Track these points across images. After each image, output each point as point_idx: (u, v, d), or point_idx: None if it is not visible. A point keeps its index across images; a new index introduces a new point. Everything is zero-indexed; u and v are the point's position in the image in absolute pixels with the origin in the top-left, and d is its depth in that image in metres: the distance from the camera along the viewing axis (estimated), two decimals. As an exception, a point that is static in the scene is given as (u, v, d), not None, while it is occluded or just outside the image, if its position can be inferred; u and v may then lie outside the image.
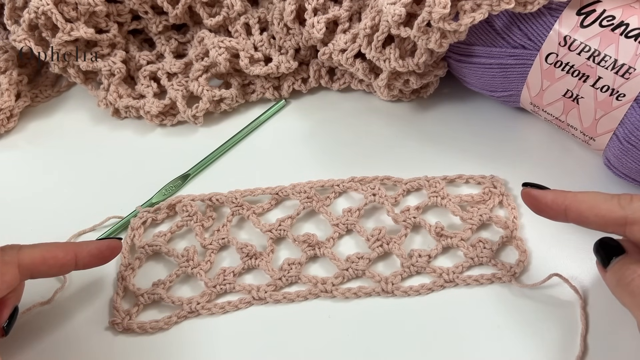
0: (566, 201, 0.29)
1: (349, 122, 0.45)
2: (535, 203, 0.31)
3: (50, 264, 0.31)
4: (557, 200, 0.29)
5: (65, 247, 0.32)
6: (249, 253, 0.37)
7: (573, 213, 0.29)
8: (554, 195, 0.30)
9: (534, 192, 0.31)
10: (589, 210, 0.28)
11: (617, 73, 0.33)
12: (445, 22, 0.34)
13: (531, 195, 0.31)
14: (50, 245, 0.32)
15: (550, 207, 0.30)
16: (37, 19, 0.42)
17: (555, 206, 0.30)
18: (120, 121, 0.48)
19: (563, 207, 0.29)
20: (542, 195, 0.30)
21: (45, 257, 0.31)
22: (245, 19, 0.46)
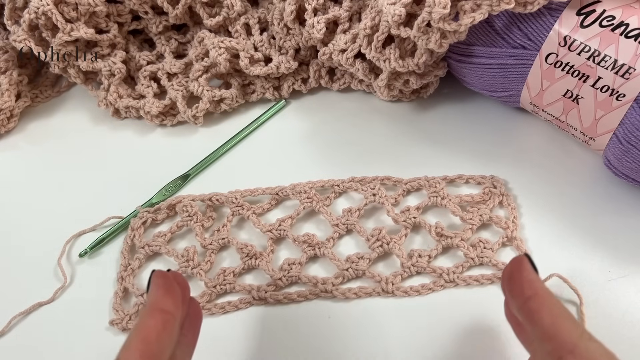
0: (539, 290, 0.26)
1: (349, 122, 0.45)
2: (512, 271, 0.27)
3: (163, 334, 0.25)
4: (533, 283, 0.26)
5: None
6: (249, 253, 0.37)
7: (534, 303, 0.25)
8: (533, 278, 0.27)
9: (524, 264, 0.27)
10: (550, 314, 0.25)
11: (617, 73, 0.33)
12: (445, 22, 0.34)
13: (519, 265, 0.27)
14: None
15: (520, 282, 0.26)
16: (37, 19, 0.42)
17: (526, 284, 0.26)
18: (120, 121, 0.48)
19: (531, 292, 0.26)
20: (526, 270, 0.27)
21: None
22: (245, 19, 0.46)
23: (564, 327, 0.24)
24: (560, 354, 0.23)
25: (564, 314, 0.25)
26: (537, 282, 0.26)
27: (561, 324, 0.24)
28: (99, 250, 0.40)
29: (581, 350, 0.23)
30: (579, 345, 0.23)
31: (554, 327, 0.24)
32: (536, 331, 0.25)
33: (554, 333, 0.24)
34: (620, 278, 0.35)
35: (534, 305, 0.25)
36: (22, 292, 0.38)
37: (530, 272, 0.27)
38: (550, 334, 0.24)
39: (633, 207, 0.38)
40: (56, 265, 0.39)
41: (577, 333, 0.24)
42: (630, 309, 0.34)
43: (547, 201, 0.39)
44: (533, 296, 0.25)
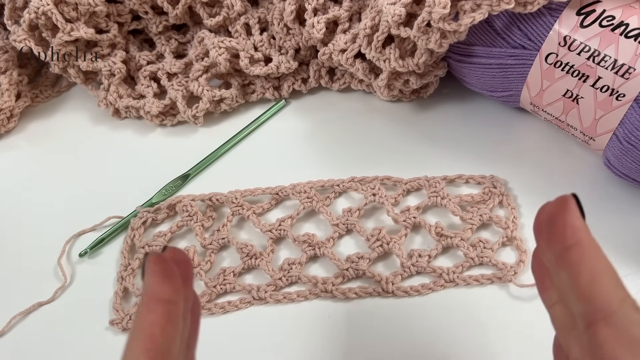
0: (583, 240, 0.22)
1: (349, 122, 0.45)
2: (556, 212, 0.23)
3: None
4: (577, 231, 0.22)
5: None
6: (249, 253, 0.37)
7: (575, 254, 0.21)
8: (579, 225, 0.22)
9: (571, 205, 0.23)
10: (590, 269, 0.21)
11: (617, 73, 0.33)
12: (445, 22, 0.34)
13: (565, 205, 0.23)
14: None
15: (563, 226, 0.22)
16: (37, 19, 0.42)
17: (569, 230, 0.22)
18: (120, 121, 0.48)
19: (574, 240, 0.22)
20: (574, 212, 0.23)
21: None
22: (245, 19, 0.46)
23: (604, 289, 0.20)
24: (593, 318, 0.20)
25: (608, 273, 0.21)
26: (583, 231, 0.22)
27: (602, 284, 0.20)
28: (99, 250, 0.40)
29: (618, 319, 0.19)
30: (617, 312, 0.19)
31: (592, 287, 0.20)
32: (572, 287, 0.21)
33: (591, 293, 0.20)
34: (620, 278, 0.35)
35: (574, 256, 0.21)
36: (22, 292, 0.38)
37: (577, 216, 0.23)
38: (586, 294, 0.20)
39: (633, 207, 0.38)
40: (56, 265, 0.39)
41: (619, 298, 0.20)
42: (630, 309, 0.34)
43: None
44: (575, 245, 0.21)
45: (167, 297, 0.22)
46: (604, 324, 0.19)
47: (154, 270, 0.23)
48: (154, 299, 0.22)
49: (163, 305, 0.22)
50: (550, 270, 0.23)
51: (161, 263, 0.23)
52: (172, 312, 0.22)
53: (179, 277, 0.23)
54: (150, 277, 0.23)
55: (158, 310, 0.22)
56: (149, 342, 0.21)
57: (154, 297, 0.22)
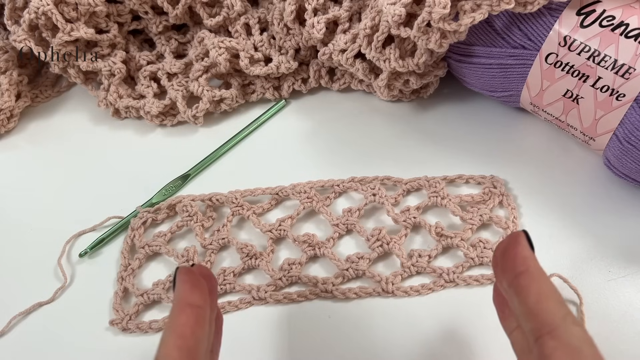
0: (531, 268, 0.25)
1: (349, 122, 0.45)
2: (508, 245, 0.26)
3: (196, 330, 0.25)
4: (526, 260, 0.25)
5: None
6: (249, 253, 0.37)
7: (524, 279, 0.24)
8: (527, 255, 0.25)
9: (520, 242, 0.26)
10: (537, 292, 0.24)
11: (617, 73, 0.33)
12: (445, 22, 0.34)
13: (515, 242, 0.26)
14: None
15: (513, 257, 0.26)
16: (38, 19, 0.42)
17: (519, 260, 0.25)
18: (121, 121, 0.48)
19: (523, 268, 0.25)
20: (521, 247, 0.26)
21: None
22: (245, 19, 0.46)
23: (548, 307, 0.23)
24: (540, 333, 0.23)
25: (552, 295, 0.24)
26: (531, 260, 0.25)
27: (546, 303, 0.23)
28: (99, 250, 0.40)
29: (561, 332, 0.22)
30: (559, 327, 0.22)
31: (538, 306, 0.23)
32: (521, 308, 0.24)
33: (538, 312, 0.23)
34: (620, 278, 0.35)
35: (523, 281, 0.24)
36: (22, 292, 0.38)
37: (525, 248, 0.26)
38: (533, 312, 0.23)
39: (633, 207, 0.38)
40: (56, 265, 0.39)
41: (561, 315, 0.23)
42: (630, 309, 0.34)
43: (547, 201, 0.39)
44: (524, 272, 0.25)
45: (196, 302, 0.26)
46: (550, 337, 0.22)
47: (184, 280, 0.26)
48: (184, 304, 0.25)
49: (192, 309, 0.25)
50: (507, 298, 0.26)
51: (190, 274, 0.27)
52: (200, 316, 0.25)
53: (206, 288, 0.27)
54: (181, 285, 0.26)
55: (188, 313, 0.25)
56: (180, 339, 0.24)
57: (185, 302, 0.26)
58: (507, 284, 0.25)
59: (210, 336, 0.27)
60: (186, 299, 0.26)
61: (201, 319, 0.25)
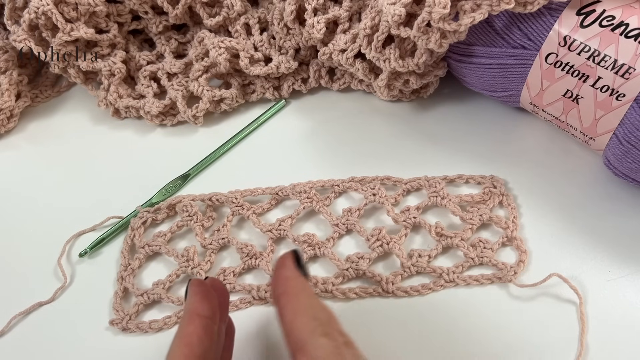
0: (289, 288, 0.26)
1: (349, 122, 0.45)
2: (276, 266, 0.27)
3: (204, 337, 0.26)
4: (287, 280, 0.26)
5: None
6: (249, 253, 0.37)
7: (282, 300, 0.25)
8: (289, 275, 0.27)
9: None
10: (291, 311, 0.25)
11: (617, 73, 0.33)
12: (445, 22, 0.34)
13: None
14: None
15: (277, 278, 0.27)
16: (37, 19, 0.42)
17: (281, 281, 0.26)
18: (120, 121, 0.48)
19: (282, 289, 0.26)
20: None
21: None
22: (245, 19, 0.46)
23: (299, 324, 0.24)
24: (295, 350, 0.23)
25: (305, 311, 0.24)
26: (291, 280, 0.26)
27: (298, 320, 0.24)
28: (99, 250, 0.40)
29: (308, 347, 0.23)
30: (307, 342, 0.23)
31: (291, 324, 0.24)
32: (281, 329, 0.25)
33: (291, 330, 0.24)
34: (620, 278, 0.35)
35: (281, 302, 0.25)
36: (22, 292, 0.38)
37: (289, 269, 0.27)
38: (288, 331, 0.24)
39: (633, 207, 0.38)
40: (56, 265, 0.39)
41: (309, 329, 0.23)
42: (630, 309, 0.34)
43: (547, 201, 0.39)
44: (283, 293, 0.26)
45: (204, 313, 0.26)
46: (301, 353, 0.23)
47: (195, 291, 0.27)
48: (194, 314, 0.26)
49: (201, 319, 0.26)
50: None
51: (202, 286, 0.28)
52: (208, 326, 0.26)
53: (216, 300, 0.28)
54: (191, 297, 0.27)
55: (197, 323, 0.26)
56: (187, 348, 0.25)
57: (194, 312, 0.26)
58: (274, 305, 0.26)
59: (219, 347, 0.28)
60: (196, 309, 0.26)
61: (209, 328, 0.26)
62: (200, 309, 0.27)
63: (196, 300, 0.27)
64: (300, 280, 0.26)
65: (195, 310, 0.26)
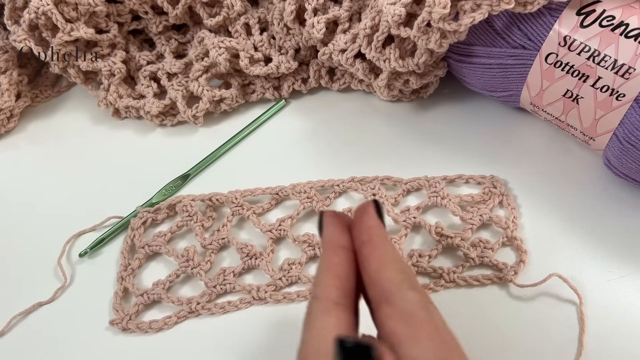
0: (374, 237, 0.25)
1: (349, 122, 0.45)
2: (356, 215, 0.26)
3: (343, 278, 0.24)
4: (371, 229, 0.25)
5: None
6: (249, 253, 0.37)
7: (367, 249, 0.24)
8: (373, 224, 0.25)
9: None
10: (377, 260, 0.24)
11: (617, 73, 0.33)
12: (445, 22, 0.34)
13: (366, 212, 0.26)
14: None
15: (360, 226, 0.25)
16: (37, 19, 0.42)
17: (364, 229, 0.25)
18: (120, 121, 0.48)
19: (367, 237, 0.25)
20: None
21: None
22: (245, 19, 0.46)
23: (386, 275, 0.23)
24: (379, 301, 0.23)
25: (392, 262, 0.24)
26: (375, 229, 0.25)
27: (384, 271, 0.23)
28: (99, 250, 0.40)
29: (395, 299, 0.22)
30: (395, 294, 0.22)
31: (377, 274, 0.23)
32: (364, 278, 0.24)
33: (377, 280, 0.23)
34: (620, 278, 0.35)
35: (366, 250, 0.24)
36: (22, 292, 0.38)
37: (372, 217, 0.26)
38: (374, 280, 0.23)
39: (633, 207, 0.38)
40: (56, 265, 0.39)
41: (397, 281, 0.23)
42: (630, 309, 0.34)
43: (547, 201, 0.39)
44: (367, 241, 0.25)
45: (347, 245, 0.25)
46: (386, 304, 0.22)
47: (332, 222, 0.26)
48: (337, 245, 0.25)
49: (345, 251, 0.25)
50: None
51: (338, 217, 0.26)
52: (351, 259, 0.25)
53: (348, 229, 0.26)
54: (330, 228, 0.26)
55: (342, 254, 0.24)
56: (337, 280, 0.24)
57: (337, 243, 0.25)
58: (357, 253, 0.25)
59: None
60: (337, 240, 0.25)
61: (352, 261, 0.25)
62: (342, 240, 0.25)
63: (336, 232, 0.25)
64: (384, 231, 0.25)
65: (337, 241, 0.25)
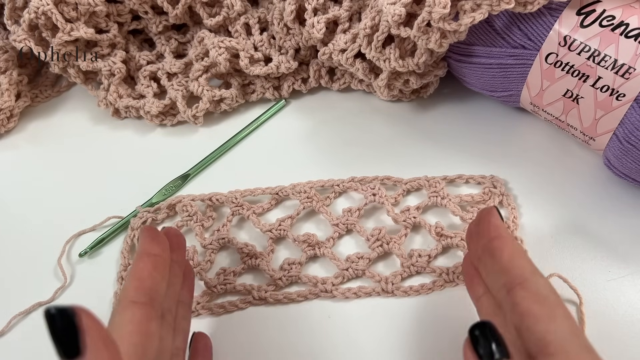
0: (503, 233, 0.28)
1: (349, 122, 0.45)
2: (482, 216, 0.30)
3: None
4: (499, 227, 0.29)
5: None
6: (249, 253, 0.37)
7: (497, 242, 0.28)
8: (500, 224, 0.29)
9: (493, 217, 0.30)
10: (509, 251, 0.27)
11: (617, 73, 0.33)
12: (445, 22, 0.34)
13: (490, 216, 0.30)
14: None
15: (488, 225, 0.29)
16: (37, 19, 0.42)
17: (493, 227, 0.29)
18: (120, 121, 0.48)
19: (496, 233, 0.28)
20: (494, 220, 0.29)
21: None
22: (245, 19, 0.46)
23: (519, 263, 0.27)
24: (512, 285, 0.26)
25: (522, 253, 0.27)
26: (502, 227, 0.29)
27: (518, 260, 0.27)
28: (99, 250, 0.40)
29: (530, 284, 0.26)
30: (529, 279, 0.26)
31: (511, 262, 0.27)
32: (496, 266, 0.27)
33: (510, 267, 0.27)
34: (620, 278, 0.35)
35: (497, 244, 0.28)
36: (22, 292, 0.38)
37: (498, 218, 0.29)
38: (506, 268, 0.27)
39: (633, 207, 0.38)
40: (56, 265, 0.39)
41: (530, 269, 0.26)
42: (630, 309, 0.34)
43: (547, 201, 0.39)
44: (497, 236, 0.28)
45: (154, 252, 0.28)
46: (520, 287, 0.26)
47: (145, 235, 0.29)
48: (144, 254, 0.28)
49: (150, 257, 0.28)
50: (478, 266, 0.30)
51: (150, 230, 0.30)
52: (158, 263, 0.28)
53: (165, 241, 0.29)
54: (142, 239, 0.29)
55: (146, 260, 0.28)
56: (137, 281, 0.27)
57: (144, 252, 0.28)
58: (482, 248, 0.28)
59: (175, 286, 0.30)
60: (145, 250, 0.28)
61: (159, 264, 0.28)
62: (150, 249, 0.28)
63: (146, 242, 0.29)
64: (508, 230, 0.29)
65: (145, 250, 0.28)
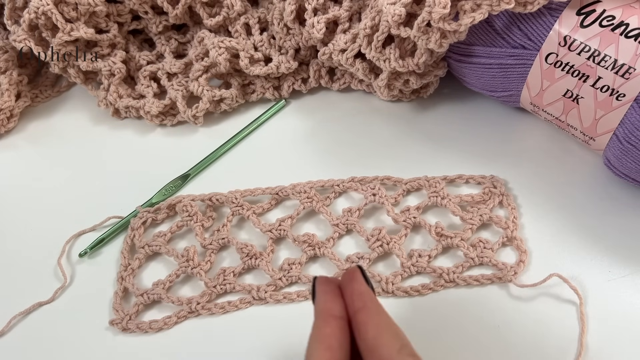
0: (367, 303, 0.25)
1: (349, 122, 0.45)
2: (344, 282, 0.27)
3: None
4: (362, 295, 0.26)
5: None
6: (249, 253, 0.37)
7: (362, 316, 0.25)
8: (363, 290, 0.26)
9: None
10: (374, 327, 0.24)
11: (617, 73, 0.33)
12: (445, 22, 0.34)
13: None
14: None
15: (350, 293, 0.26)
16: (37, 19, 0.42)
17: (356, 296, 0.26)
18: (120, 121, 0.48)
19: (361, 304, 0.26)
20: None
21: None
22: (245, 19, 0.46)
23: (384, 341, 0.24)
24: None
25: (388, 328, 0.24)
26: (367, 295, 0.26)
27: (382, 337, 0.24)
28: (99, 250, 0.40)
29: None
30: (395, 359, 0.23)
31: (375, 341, 0.24)
32: (361, 344, 0.24)
33: (375, 346, 0.24)
34: (620, 278, 0.35)
35: (361, 317, 0.25)
36: (22, 292, 0.38)
37: (361, 283, 0.26)
38: (371, 348, 0.24)
39: (633, 207, 0.38)
40: (56, 265, 0.39)
41: (396, 347, 0.23)
42: (630, 309, 0.34)
43: (547, 201, 0.39)
44: (362, 308, 0.25)
45: (339, 313, 0.25)
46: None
47: (325, 290, 0.27)
48: (328, 315, 0.25)
49: (336, 320, 0.25)
50: None
51: (331, 284, 0.27)
52: (344, 327, 0.25)
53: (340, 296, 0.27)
54: (322, 296, 0.26)
55: (333, 325, 0.25)
56: (328, 352, 0.24)
57: (328, 313, 0.25)
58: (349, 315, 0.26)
59: None
60: (329, 310, 0.25)
61: (345, 330, 0.25)
62: (334, 309, 0.26)
63: (328, 300, 0.26)
64: (374, 297, 0.26)
65: (329, 310, 0.25)
